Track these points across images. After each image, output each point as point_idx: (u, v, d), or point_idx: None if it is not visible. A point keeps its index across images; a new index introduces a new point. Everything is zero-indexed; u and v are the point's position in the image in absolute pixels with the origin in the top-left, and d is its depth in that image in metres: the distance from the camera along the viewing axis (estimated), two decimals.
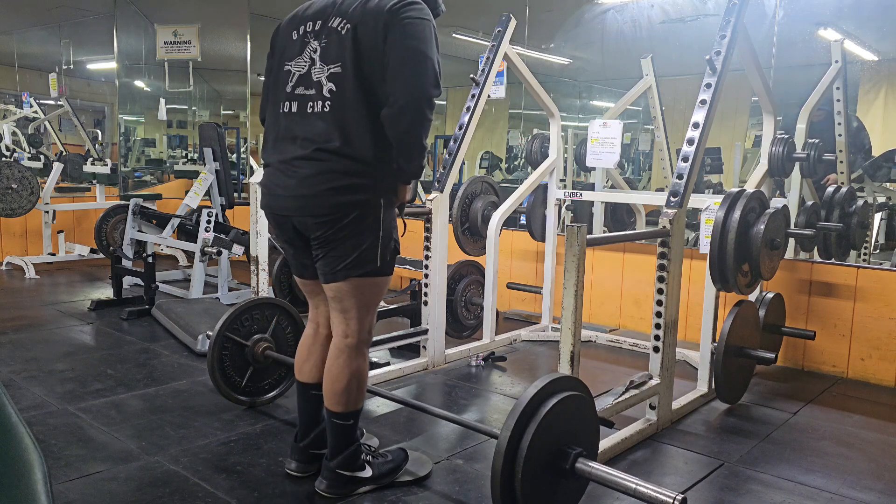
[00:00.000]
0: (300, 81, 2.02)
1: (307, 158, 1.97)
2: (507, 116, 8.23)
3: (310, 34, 2.02)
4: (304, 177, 1.97)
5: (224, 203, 5.44)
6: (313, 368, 2.25)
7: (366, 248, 2.00)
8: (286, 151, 2.02)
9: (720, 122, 3.41)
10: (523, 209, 4.17)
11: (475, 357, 3.68)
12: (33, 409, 2.81)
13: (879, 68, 5.15)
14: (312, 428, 2.27)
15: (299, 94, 2.01)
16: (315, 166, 1.96)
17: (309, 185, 1.97)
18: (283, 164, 2.02)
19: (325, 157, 1.95)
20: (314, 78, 1.99)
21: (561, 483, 1.86)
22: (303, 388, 2.28)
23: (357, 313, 2.07)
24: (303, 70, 2.01)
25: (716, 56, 2.84)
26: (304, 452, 2.27)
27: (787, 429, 2.88)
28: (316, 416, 2.27)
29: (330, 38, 1.97)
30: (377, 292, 2.10)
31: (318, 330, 2.27)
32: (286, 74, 2.05)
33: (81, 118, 8.37)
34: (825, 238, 3.84)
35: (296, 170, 1.99)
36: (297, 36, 2.05)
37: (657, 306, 2.68)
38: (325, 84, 1.96)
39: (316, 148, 1.96)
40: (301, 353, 2.30)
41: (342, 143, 1.94)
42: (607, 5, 6.04)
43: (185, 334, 3.83)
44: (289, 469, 2.28)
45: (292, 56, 2.05)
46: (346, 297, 2.05)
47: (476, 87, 3.56)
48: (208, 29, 7.41)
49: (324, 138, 1.95)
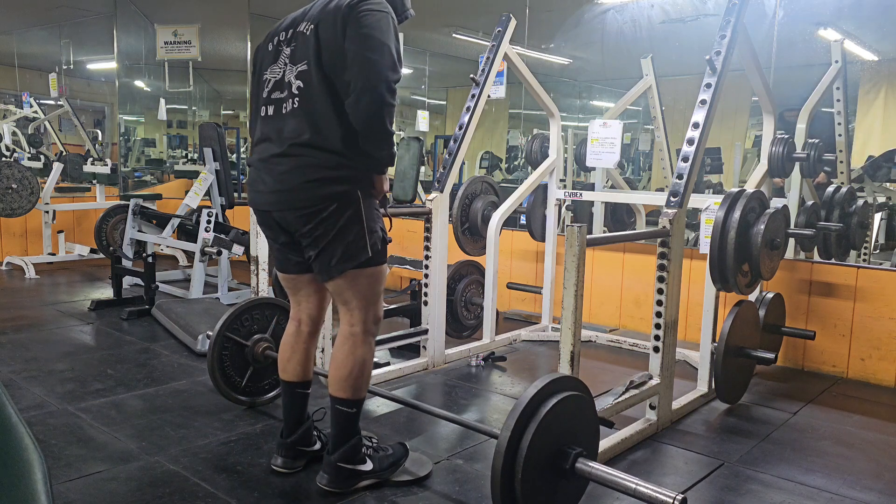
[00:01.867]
0: (275, 87, 2.11)
1: (283, 155, 2.05)
2: (507, 116, 8.24)
3: (283, 42, 2.12)
4: (281, 172, 2.05)
5: (224, 203, 5.44)
6: (297, 366, 2.30)
7: (351, 239, 2.05)
8: (265, 150, 2.11)
9: (720, 122, 3.41)
10: (523, 209, 4.17)
11: (475, 357, 3.68)
12: (33, 409, 2.81)
13: (879, 68, 5.15)
14: (298, 425, 2.31)
15: (275, 98, 2.10)
16: (290, 162, 2.03)
17: (286, 181, 2.04)
18: (262, 163, 2.11)
19: (299, 153, 2.02)
20: (286, 79, 2.07)
21: (561, 483, 1.87)
22: (288, 387, 2.32)
23: (358, 303, 2.12)
24: (278, 76, 2.10)
25: (716, 56, 2.84)
26: (291, 449, 2.30)
27: (787, 429, 2.88)
28: (301, 413, 2.32)
29: (297, 41, 2.06)
30: (374, 282, 2.14)
31: (300, 328, 2.31)
32: (264, 83, 2.15)
33: (81, 118, 8.37)
34: (825, 238, 3.84)
35: (273, 167, 2.07)
36: (272, 46, 2.15)
37: (657, 306, 2.68)
38: (294, 83, 2.05)
39: (290, 144, 2.03)
40: (284, 351, 2.33)
41: (312, 135, 2.01)
42: (607, 5, 6.04)
43: (185, 334, 3.83)
44: (275, 465, 2.31)
45: (268, 65, 2.15)
46: (345, 290, 2.11)
47: (476, 87, 3.56)
48: (208, 29, 7.41)
49: (296, 133, 2.03)
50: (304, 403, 2.32)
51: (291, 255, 2.19)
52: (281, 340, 2.36)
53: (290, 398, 2.31)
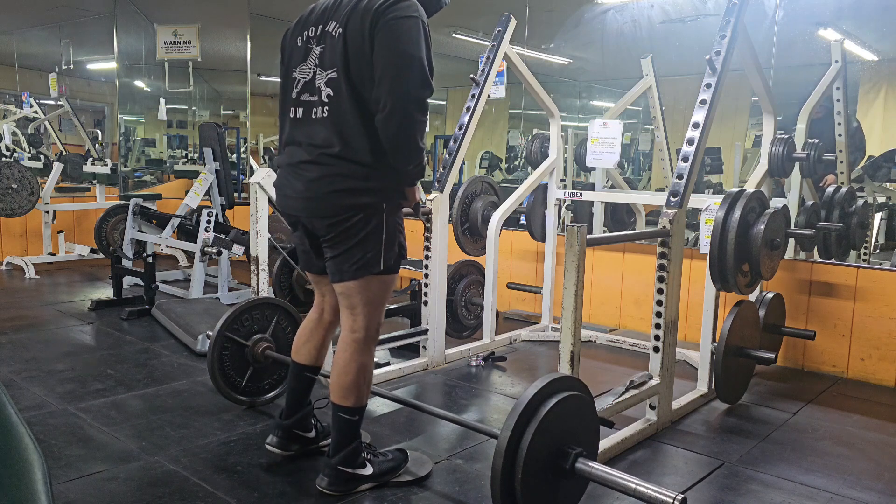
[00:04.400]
0: (305, 88, 2.08)
1: (312, 162, 2.04)
2: (507, 116, 8.23)
3: (312, 40, 2.07)
4: (310, 180, 2.04)
5: (224, 203, 5.44)
6: (312, 350, 2.33)
7: (370, 252, 2.06)
8: (294, 155, 2.10)
9: (720, 122, 3.41)
10: (523, 209, 4.17)
11: (475, 357, 3.68)
12: (33, 409, 2.81)
13: (879, 68, 5.15)
14: (298, 409, 2.34)
15: (304, 101, 2.08)
16: (319, 170, 2.03)
17: (314, 188, 2.04)
18: (291, 168, 2.10)
19: (328, 162, 2.01)
20: (316, 84, 2.04)
21: (561, 483, 1.87)
22: (297, 369, 2.34)
23: (363, 310, 2.12)
24: (307, 77, 2.07)
25: (716, 56, 2.84)
26: (287, 431, 2.33)
27: (787, 429, 2.88)
28: (304, 397, 2.35)
29: (326, 44, 2.02)
30: (383, 290, 2.15)
31: (323, 316, 2.34)
32: (293, 81, 2.11)
33: (81, 118, 8.36)
34: (825, 238, 3.84)
35: (303, 173, 2.06)
36: (301, 42, 2.10)
37: (657, 306, 2.68)
38: (324, 90, 2.02)
39: (320, 153, 2.02)
40: (301, 334, 2.36)
41: (342, 148, 2.00)
42: (607, 5, 6.04)
43: (185, 334, 3.83)
44: (268, 444, 2.34)
45: (297, 63, 2.11)
46: (353, 295, 2.11)
47: (476, 87, 3.56)
48: (208, 29, 7.40)
49: (326, 143, 2.01)
50: (309, 388, 2.36)
51: (315, 259, 2.22)
52: (300, 326, 2.39)
53: (296, 380, 2.34)
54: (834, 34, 4.56)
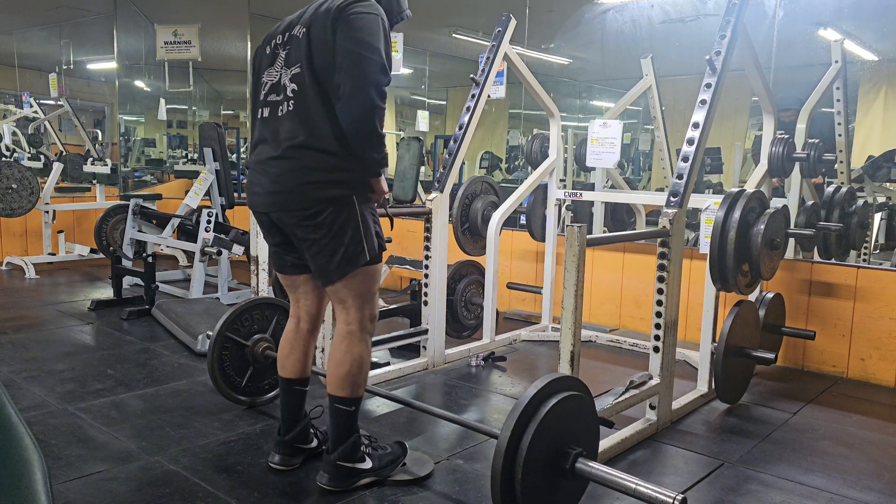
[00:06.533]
0: (272, 89, 2.13)
1: (279, 157, 2.06)
2: (507, 116, 8.23)
3: (279, 45, 2.13)
4: (276, 174, 2.07)
5: (224, 203, 5.44)
6: (296, 363, 2.32)
7: (348, 245, 2.07)
8: (261, 153, 2.13)
9: (720, 122, 3.41)
10: (523, 209, 4.17)
11: (475, 357, 3.68)
12: (33, 409, 2.81)
13: (879, 68, 5.15)
14: (296, 423, 2.33)
15: (271, 101, 2.12)
16: (286, 164, 2.05)
17: (281, 182, 2.06)
18: (258, 165, 2.13)
19: (293, 155, 2.04)
20: (282, 83, 2.09)
21: (561, 483, 1.87)
22: (286, 384, 2.33)
23: (353, 302, 2.14)
24: (274, 79, 2.12)
25: (716, 56, 2.84)
26: (289, 446, 2.32)
27: (787, 429, 2.88)
28: (299, 410, 2.34)
29: (292, 45, 2.08)
30: (370, 281, 2.16)
31: (300, 325, 2.33)
32: (262, 86, 2.17)
33: (81, 118, 8.37)
34: (825, 238, 3.84)
35: (268, 169, 2.09)
36: (270, 50, 2.17)
37: (657, 306, 2.68)
38: (289, 86, 2.06)
39: (286, 146, 2.05)
40: (283, 348, 2.35)
41: (306, 137, 2.02)
42: (607, 5, 6.04)
43: (185, 334, 3.83)
44: (272, 462, 2.32)
45: (266, 68, 2.17)
46: (341, 289, 2.13)
47: (476, 87, 3.56)
48: (208, 29, 7.41)
49: (291, 135, 2.05)
50: (302, 401, 2.35)
51: (287, 256, 2.23)
52: (280, 338, 2.38)
53: (287, 395, 2.34)
54: (834, 34, 4.56)
